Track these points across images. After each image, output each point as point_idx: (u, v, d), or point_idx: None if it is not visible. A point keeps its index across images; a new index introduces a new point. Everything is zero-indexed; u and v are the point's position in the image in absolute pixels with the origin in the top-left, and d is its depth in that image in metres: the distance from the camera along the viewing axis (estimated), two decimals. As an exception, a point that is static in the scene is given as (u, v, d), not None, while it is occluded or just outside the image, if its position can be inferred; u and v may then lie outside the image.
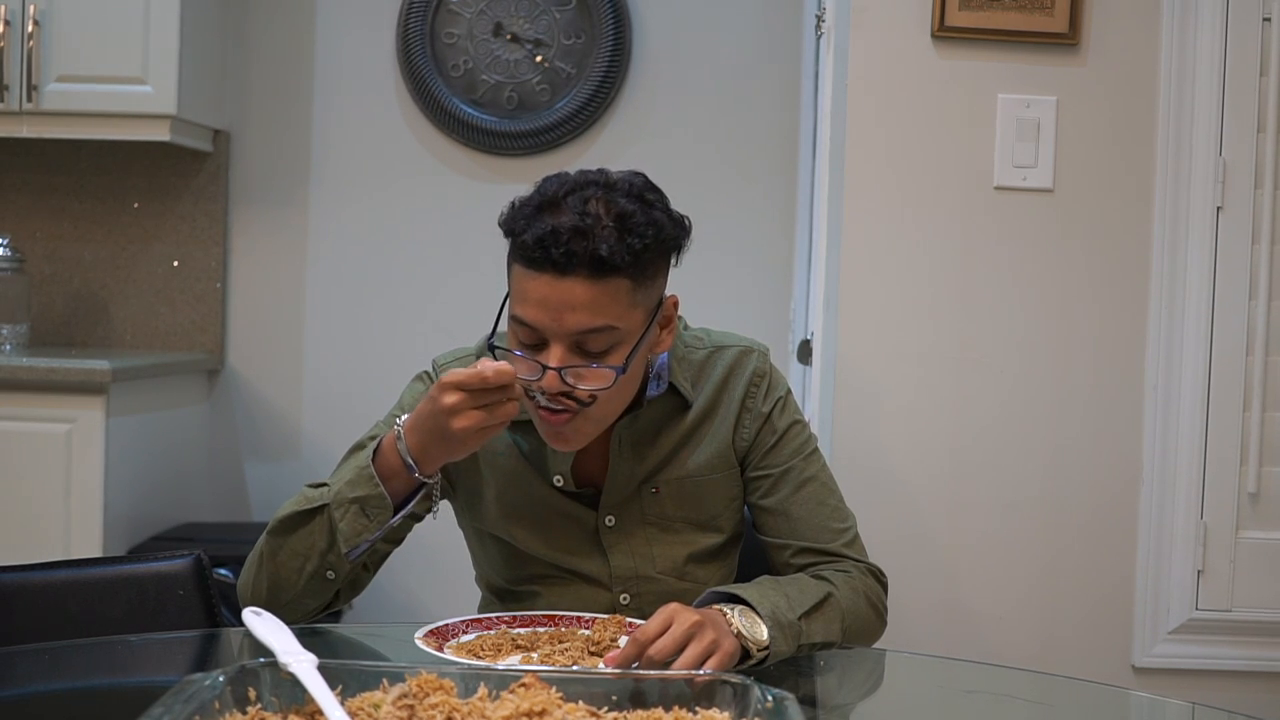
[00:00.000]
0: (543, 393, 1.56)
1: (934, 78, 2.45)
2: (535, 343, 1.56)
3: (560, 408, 1.57)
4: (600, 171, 1.60)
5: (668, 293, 1.66)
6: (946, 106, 2.46)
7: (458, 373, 1.49)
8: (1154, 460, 2.48)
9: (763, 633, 1.49)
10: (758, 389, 1.74)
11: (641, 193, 1.58)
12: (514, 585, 1.77)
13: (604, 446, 1.71)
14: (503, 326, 1.63)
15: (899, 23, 2.44)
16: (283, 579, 1.61)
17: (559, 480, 1.71)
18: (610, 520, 1.72)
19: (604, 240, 1.51)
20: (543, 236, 1.51)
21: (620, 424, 1.69)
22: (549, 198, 1.56)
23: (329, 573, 1.59)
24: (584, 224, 1.52)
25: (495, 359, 1.57)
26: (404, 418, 1.57)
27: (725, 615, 1.48)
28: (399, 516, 1.59)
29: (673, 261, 1.65)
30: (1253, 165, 2.45)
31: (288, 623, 1.59)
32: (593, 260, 1.51)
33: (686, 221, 1.63)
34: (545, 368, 1.54)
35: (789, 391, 1.78)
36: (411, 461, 1.55)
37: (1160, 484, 2.47)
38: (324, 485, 1.62)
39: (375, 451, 1.58)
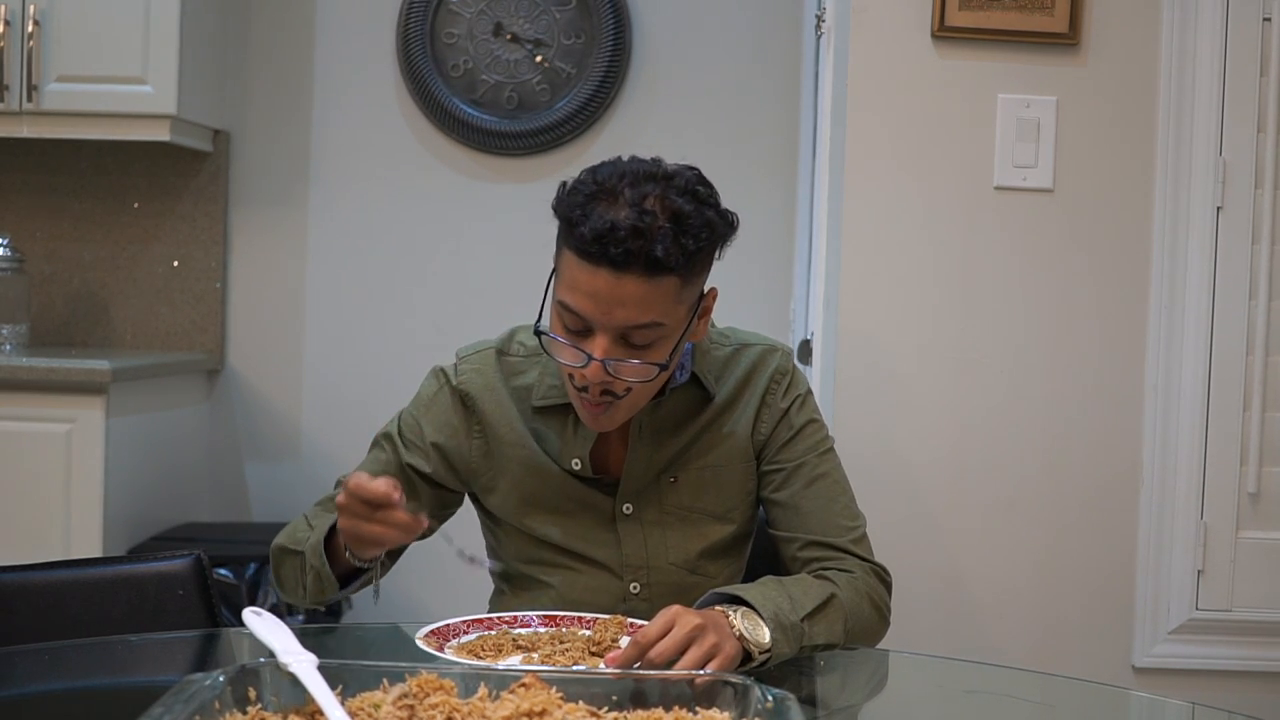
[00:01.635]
0: (584, 387, 1.59)
1: (934, 78, 2.45)
2: (580, 329, 1.58)
3: (598, 401, 1.60)
4: (655, 162, 1.60)
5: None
6: (946, 106, 2.46)
7: (354, 477, 1.48)
8: (1154, 460, 2.48)
9: (765, 635, 1.49)
10: (779, 385, 1.77)
11: (695, 188, 1.58)
12: (527, 569, 1.78)
13: (624, 434, 1.72)
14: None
15: (899, 23, 2.44)
16: (289, 590, 1.71)
17: (576, 464, 1.72)
18: (628, 508, 1.74)
19: (660, 241, 1.52)
20: (602, 234, 1.51)
21: (641, 412, 1.70)
22: (605, 186, 1.55)
23: (326, 594, 1.64)
24: (642, 223, 1.51)
25: (541, 344, 1.62)
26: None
27: (727, 617, 1.48)
28: (344, 593, 1.64)
29: (717, 255, 1.65)
30: (1253, 165, 2.45)
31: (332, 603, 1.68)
32: (648, 260, 1.52)
33: (735, 218, 1.63)
34: (590, 357, 1.56)
35: (809, 391, 1.81)
36: (347, 546, 1.56)
37: (1160, 484, 2.47)
38: (331, 499, 1.65)
39: (333, 525, 1.60)
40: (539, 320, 1.65)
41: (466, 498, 1.83)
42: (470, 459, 1.76)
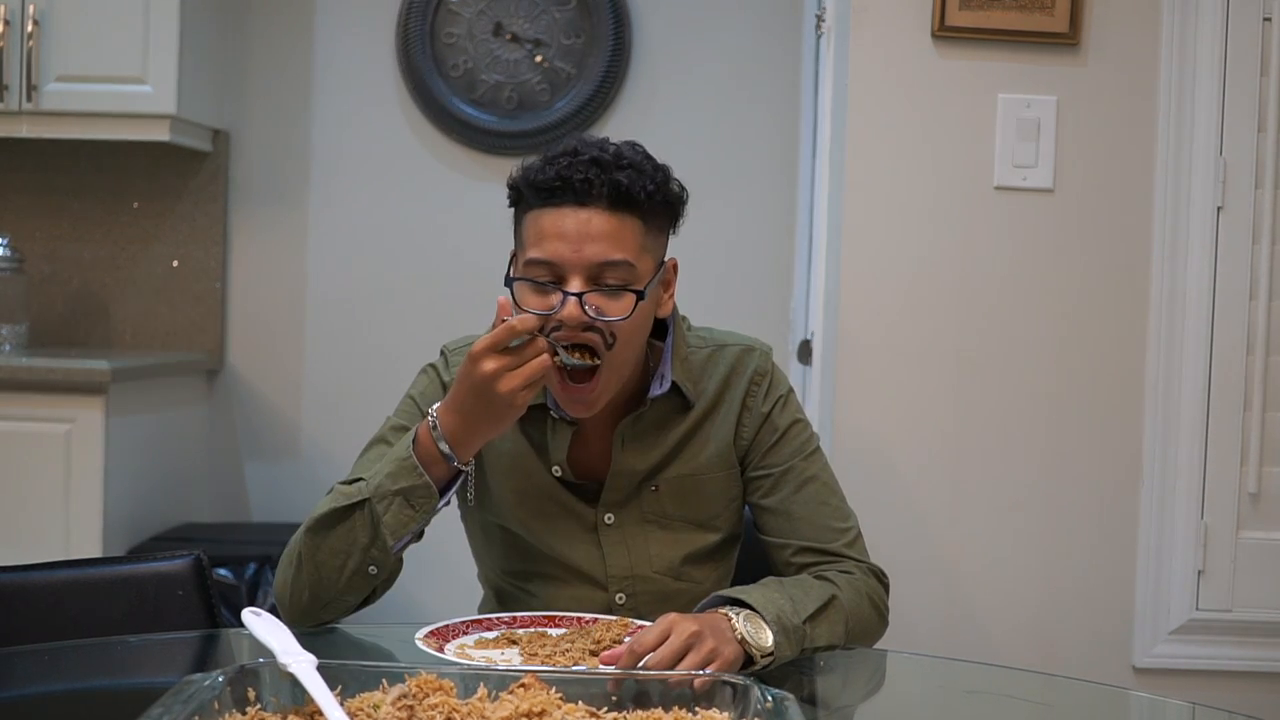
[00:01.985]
0: (559, 328, 1.56)
1: (934, 78, 2.45)
2: (551, 280, 1.58)
3: (583, 364, 1.58)
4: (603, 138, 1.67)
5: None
6: (946, 106, 2.46)
7: (484, 339, 1.50)
8: (1154, 460, 2.48)
9: (767, 638, 1.48)
10: (758, 388, 1.74)
11: (643, 156, 1.65)
12: (514, 581, 1.77)
13: (606, 442, 1.71)
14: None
15: (899, 23, 2.44)
16: (324, 577, 1.59)
17: (557, 470, 1.71)
18: (609, 518, 1.73)
19: (620, 171, 1.58)
20: (562, 169, 1.57)
21: (623, 422, 1.70)
22: (562, 149, 1.61)
23: (371, 568, 1.58)
24: (603, 156, 1.58)
25: (513, 296, 1.60)
26: (436, 407, 1.57)
27: (729, 620, 1.47)
28: (438, 509, 1.59)
29: (672, 231, 1.69)
30: (1253, 165, 2.45)
31: (327, 622, 1.61)
32: (613, 190, 1.57)
33: (684, 192, 1.69)
34: (566, 294, 1.56)
35: (790, 390, 1.78)
36: (448, 450, 1.55)
37: (1160, 484, 2.47)
38: (358, 480, 1.61)
39: (414, 441, 1.57)
40: (507, 282, 1.64)
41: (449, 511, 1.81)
42: None
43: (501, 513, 1.75)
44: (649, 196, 1.60)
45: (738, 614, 1.49)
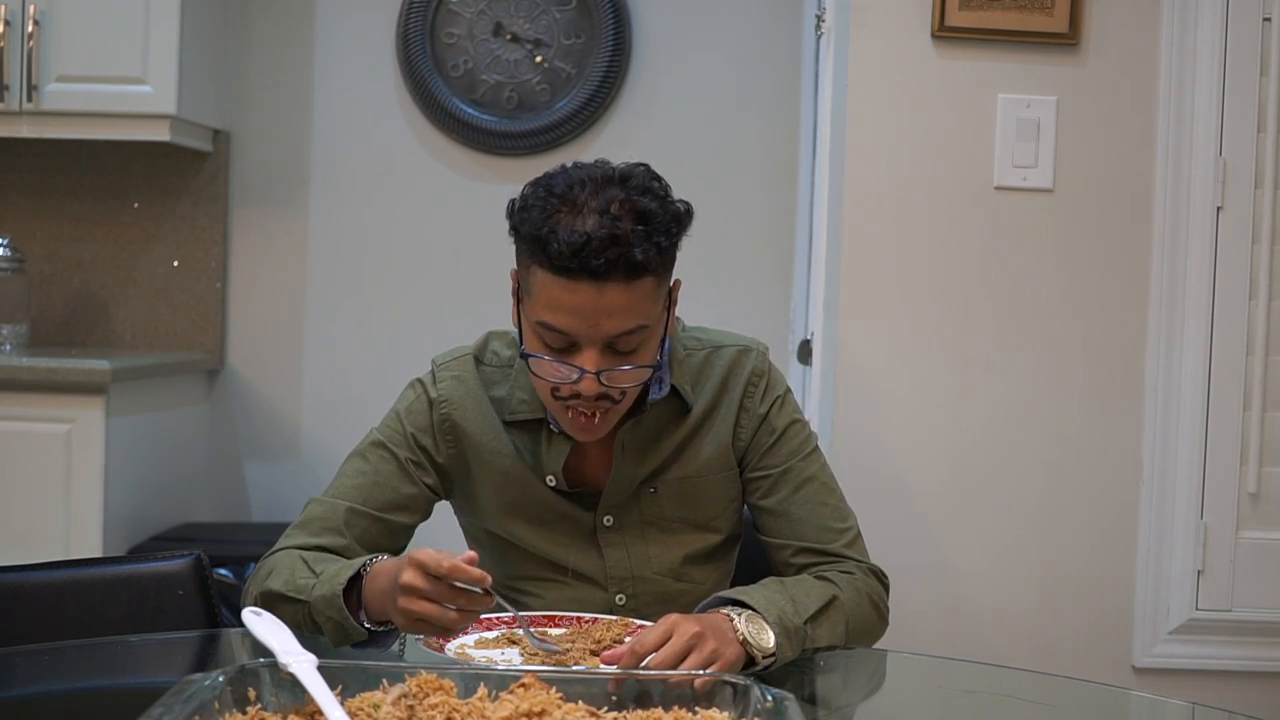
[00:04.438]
0: (576, 395, 1.56)
1: (934, 78, 2.45)
2: (564, 346, 1.56)
3: (592, 411, 1.58)
4: (601, 164, 1.59)
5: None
6: (946, 106, 2.46)
7: (428, 554, 1.38)
8: (1154, 460, 2.48)
9: (769, 640, 1.48)
10: (755, 388, 1.73)
11: (651, 185, 1.57)
12: (512, 584, 1.77)
13: (604, 450, 1.71)
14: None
15: (899, 23, 2.44)
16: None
17: (551, 480, 1.71)
18: (608, 520, 1.72)
19: (635, 245, 1.51)
20: (578, 248, 1.49)
21: (624, 428, 1.69)
22: (564, 198, 1.53)
23: (345, 640, 1.53)
24: (616, 230, 1.50)
25: (529, 367, 1.58)
26: (378, 560, 1.52)
27: (731, 620, 1.47)
28: (366, 645, 1.53)
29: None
30: (1253, 165, 2.45)
31: None
32: (628, 266, 1.51)
33: (690, 207, 1.62)
34: (582, 372, 1.54)
35: (788, 390, 1.78)
36: (364, 620, 1.50)
37: (1160, 484, 2.47)
38: (316, 522, 1.60)
39: (352, 577, 1.52)
40: (521, 344, 1.62)
41: (450, 512, 1.81)
42: (449, 469, 1.73)
43: (494, 522, 1.75)
44: (662, 253, 1.55)
45: (739, 615, 1.48)
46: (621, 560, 1.72)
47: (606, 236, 1.49)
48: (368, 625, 1.50)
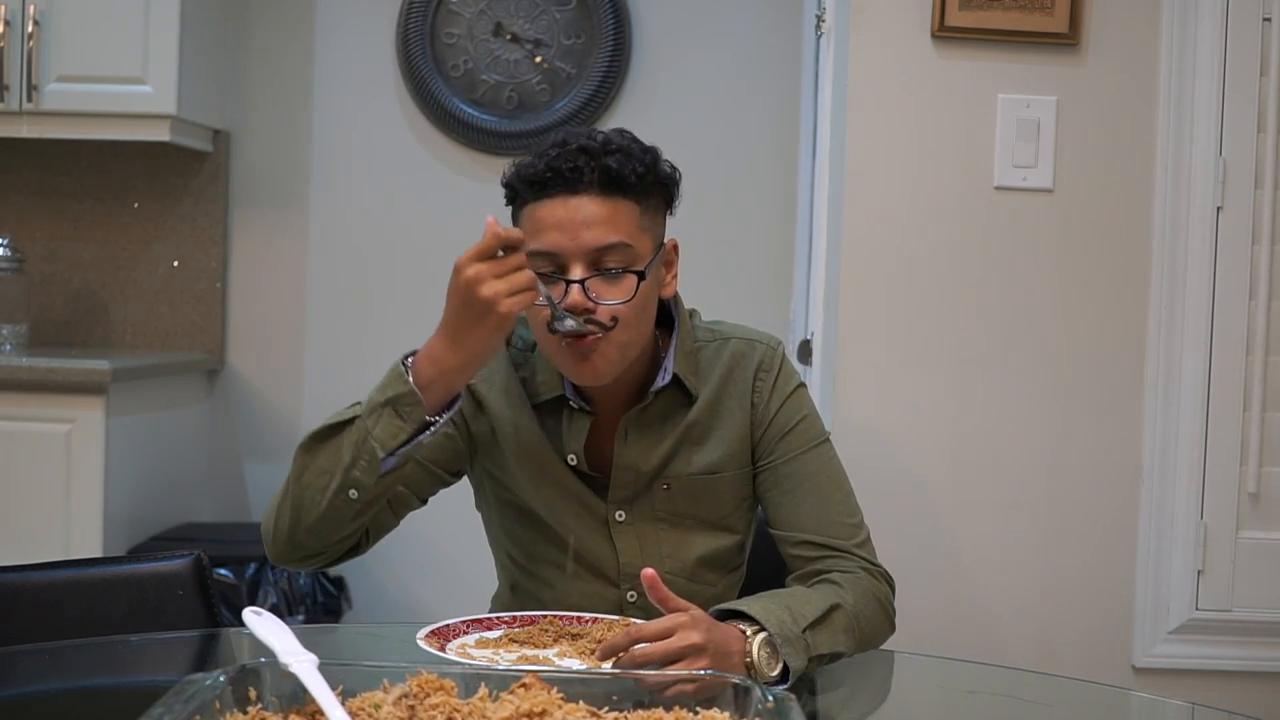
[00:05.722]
0: (567, 317, 1.57)
1: (934, 78, 2.45)
2: (552, 271, 1.60)
3: (585, 337, 1.59)
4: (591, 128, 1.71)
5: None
6: (946, 106, 2.46)
7: (470, 249, 1.55)
8: (1154, 460, 2.48)
9: (777, 673, 1.45)
10: (764, 383, 1.74)
11: (634, 138, 1.68)
12: (530, 567, 1.77)
13: (613, 436, 1.71)
14: None
15: (899, 23, 2.44)
16: (306, 500, 1.56)
17: (573, 459, 1.71)
18: (620, 515, 1.73)
19: (610, 156, 1.60)
20: (552, 159, 1.60)
21: (627, 415, 1.70)
22: (550, 142, 1.64)
23: (351, 491, 1.54)
24: (591, 143, 1.61)
25: (529, 318, 1.64)
26: (409, 358, 1.58)
27: (744, 642, 1.44)
28: (431, 432, 1.55)
29: (669, 211, 1.72)
30: (1253, 165, 2.45)
31: (308, 557, 1.60)
32: (603, 175, 1.60)
33: (676, 172, 1.71)
34: (568, 283, 1.58)
35: (801, 385, 1.78)
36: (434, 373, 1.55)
37: (1160, 484, 2.47)
38: (357, 404, 1.59)
39: (407, 357, 1.57)
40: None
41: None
42: (478, 439, 1.75)
43: (519, 493, 1.75)
44: (640, 178, 1.62)
45: (755, 637, 1.45)
46: (634, 555, 1.73)
47: (579, 147, 1.61)
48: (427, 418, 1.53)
